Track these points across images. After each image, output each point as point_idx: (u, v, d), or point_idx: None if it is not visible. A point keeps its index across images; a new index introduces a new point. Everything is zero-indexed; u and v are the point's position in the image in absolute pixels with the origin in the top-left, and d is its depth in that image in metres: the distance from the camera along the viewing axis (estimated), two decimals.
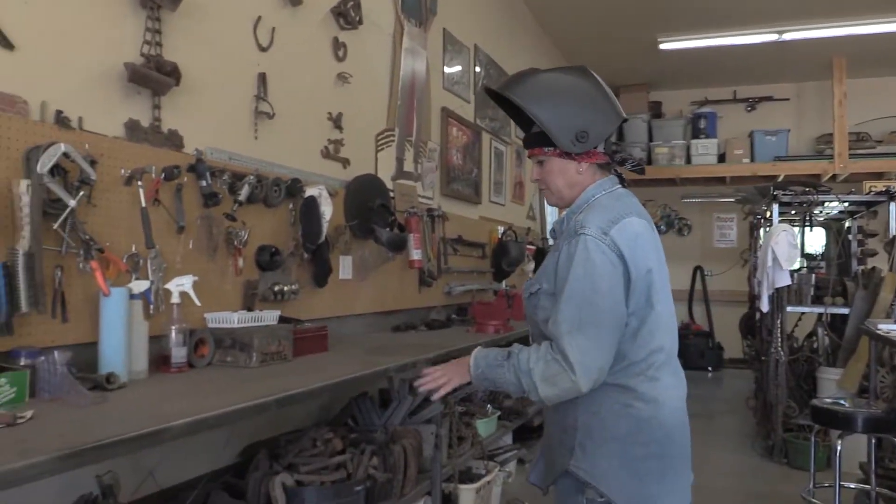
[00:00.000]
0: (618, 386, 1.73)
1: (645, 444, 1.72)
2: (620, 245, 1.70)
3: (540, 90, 1.82)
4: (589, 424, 1.74)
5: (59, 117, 2.12)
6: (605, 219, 1.73)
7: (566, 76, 1.86)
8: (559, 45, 8.20)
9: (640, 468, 1.72)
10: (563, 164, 1.85)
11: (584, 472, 1.72)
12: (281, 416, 3.06)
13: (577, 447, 1.74)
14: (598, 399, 1.73)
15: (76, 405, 1.76)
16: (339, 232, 3.56)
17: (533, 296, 1.84)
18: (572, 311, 1.66)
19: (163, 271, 2.45)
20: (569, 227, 1.80)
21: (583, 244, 1.69)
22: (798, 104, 9.64)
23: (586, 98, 1.81)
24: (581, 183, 1.86)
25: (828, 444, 4.91)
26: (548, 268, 1.82)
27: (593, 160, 1.85)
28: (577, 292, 1.67)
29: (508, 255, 5.70)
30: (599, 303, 1.66)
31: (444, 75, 5.07)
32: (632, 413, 1.72)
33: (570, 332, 1.64)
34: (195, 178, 2.61)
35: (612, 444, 1.72)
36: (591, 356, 1.64)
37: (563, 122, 1.78)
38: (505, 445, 4.62)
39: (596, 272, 1.67)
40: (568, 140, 1.79)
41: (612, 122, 1.83)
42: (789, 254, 5.03)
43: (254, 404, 1.89)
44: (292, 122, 3.27)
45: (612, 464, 1.71)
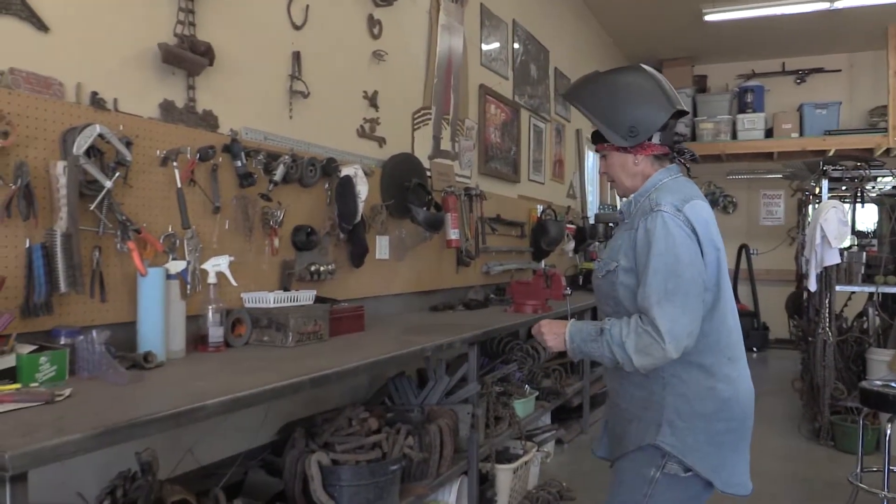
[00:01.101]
0: (701, 367, 1.89)
1: (726, 420, 1.90)
2: (693, 221, 1.85)
3: (594, 93, 2.02)
4: (677, 404, 1.89)
5: (95, 99, 2.14)
6: (678, 198, 1.88)
7: (619, 76, 2.03)
8: (600, 19, 8.03)
9: (722, 441, 1.90)
10: (622, 157, 2.03)
11: (671, 447, 1.87)
12: (318, 395, 3.09)
13: (666, 424, 1.88)
14: (684, 381, 1.89)
15: (114, 383, 1.79)
16: (376, 212, 3.55)
17: (610, 273, 1.96)
18: (659, 283, 1.79)
19: (199, 251, 2.48)
20: (641, 207, 1.95)
21: (661, 220, 1.83)
22: (850, 75, 9.31)
23: (635, 95, 1.96)
24: (640, 173, 2.02)
25: (877, 428, 4.78)
26: (623, 245, 1.94)
27: (648, 152, 2.00)
28: (661, 265, 1.80)
29: (548, 235, 5.65)
30: (683, 272, 1.80)
31: (482, 52, 5.01)
32: (715, 394, 1.89)
33: (659, 303, 1.78)
34: (230, 159, 2.63)
35: (698, 421, 1.88)
36: (680, 323, 1.78)
37: (613, 119, 1.96)
38: (543, 426, 4.60)
39: (676, 244, 1.81)
40: (620, 136, 1.97)
41: (662, 115, 1.95)
42: (839, 231, 4.87)
43: (288, 383, 1.91)
44: (327, 101, 3.26)
45: (699, 439, 1.87)
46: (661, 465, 1.89)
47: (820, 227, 4.87)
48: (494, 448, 3.48)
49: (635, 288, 1.89)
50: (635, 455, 1.95)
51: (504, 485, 3.54)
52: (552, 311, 4.00)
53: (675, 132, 2.06)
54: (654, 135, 1.98)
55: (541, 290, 4.10)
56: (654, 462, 1.90)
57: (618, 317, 1.94)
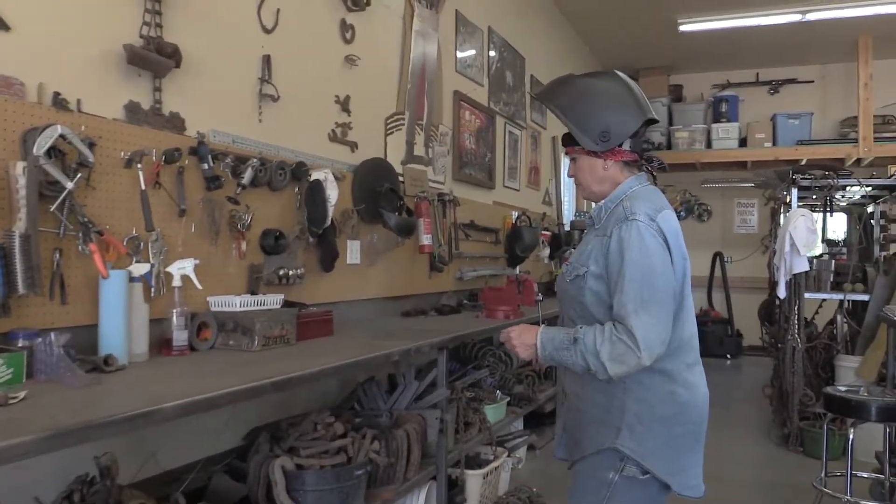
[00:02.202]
0: (662, 373, 1.91)
1: (684, 424, 1.93)
2: (665, 232, 1.88)
3: (567, 95, 2.02)
4: (638, 409, 1.91)
5: (57, 99, 2.12)
6: (651, 207, 1.90)
7: (593, 80, 2.03)
8: (576, 28, 8.09)
9: (679, 444, 1.93)
10: (591, 162, 2.03)
11: (630, 450, 1.89)
12: (287, 400, 3.07)
13: (625, 428, 1.91)
14: (646, 386, 1.91)
15: (71, 386, 1.77)
16: (347, 216, 3.55)
17: (579, 278, 1.96)
18: (635, 292, 1.81)
19: (164, 254, 2.46)
20: (614, 214, 1.95)
21: (636, 229, 1.85)
22: (822, 86, 9.46)
23: (609, 100, 1.97)
24: (609, 179, 2.02)
25: (844, 433, 4.84)
26: (593, 252, 1.95)
27: (618, 158, 2.00)
28: (637, 273, 1.82)
29: (522, 241, 5.67)
30: (657, 282, 1.82)
31: (457, 58, 5.02)
32: (674, 398, 1.92)
33: (636, 311, 1.80)
34: (197, 161, 2.62)
35: (657, 425, 1.91)
36: (654, 332, 1.80)
37: (585, 123, 1.96)
38: (515, 431, 4.61)
39: (651, 253, 1.83)
40: (591, 139, 1.97)
41: (635, 122, 1.97)
42: (807, 239, 4.94)
43: (248, 387, 1.89)
44: (298, 105, 3.25)
45: (658, 442, 1.90)
46: (620, 467, 1.91)
47: (789, 235, 4.94)
48: (464, 453, 3.48)
49: (604, 294, 1.91)
50: (594, 458, 1.97)
51: (474, 490, 3.54)
52: (524, 316, 4.02)
53: (643, 140, 2.08)
54: (625, 141, 1.99)
55: (513, 296, 4.11)
56: (613, 465, 1.92)
57: (583, 321, 1.97)
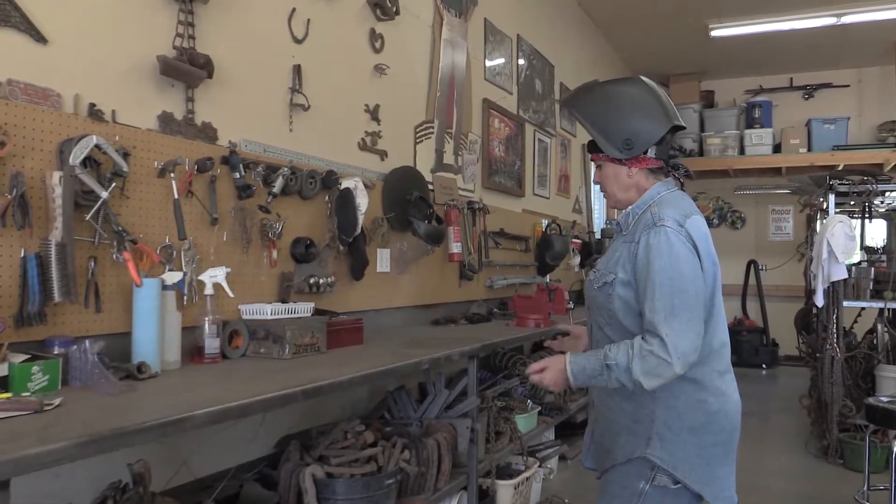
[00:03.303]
0: (692, 381, 1.88)
1: (714, 433, 1.90)
2: (694, 237, 1.85)
3: (591, 102, 2.01)
4: (667, 417, 1.88)
5: (93, 110, 2.16)
6: (679, 213, 1.87)
7: (617, 87, 2.01)
8: (606, 35, 8.06)
9: (710, 454, 1.90)
10: (616, 169, 2.01)
11: (660, 460, 1.87)
12: (317, 408, 3.07)
13: (655, 437, 1.88)
14: (674, 394, 1.88)
15: (105, 393, 1.79)
16: (377, 224, 3.56)
17: (607, 285, 1.94)
18: (665, 299, 1.78)
19: (196, 263, 2.48)
20: (642, 221, 1.92)
21: (664, 235, 1.82)
22: (859, 91, 9.28)
23: (633, 107, 1.95)
24: (634, 186, 2.00)
25: (886, 446, 4.72)
26: (621, 258, 1.93)
27: (643, 165, 1.98)
28: (665, 280, 1.79)
29: (552, 249, 5.63)
30: (688, 288, 1.80)
31: (486, 66, 5.02)
32: (704, 407, 1.89)
33: (667, 320, 1.77)
34: (229, 171, 2.64)
35: (687, 434, 1.88)
36: (687, 339, 1.77)
37: (610, 130, 1.95)
38: (546, 441, 4.57)
39: (680, 260, 1.81)
40: (615, 147, 1.95)
41: (660, 129, 1.94)
42: (846, 246, 4.84)
43: (279, 395, 1.90)
44: (328, 114, 3.27)
45: (688, 452, 1.87)
46: (651, 477, 1.89)
47: (826, 242, 4.84)
48: (495, 463, 3.46)
49: (632, 301, 1.89)
50: (624, 467, 1.94)
51: (504, 501, 3.51)
52: (554, 325, 3.97)
53: (671, 147, 2.05)
54: (650, 148, 1.96)
55: (543, 305, 4.10)
56: (644, 474, 1.90)
57: (611, 328, 1.95)
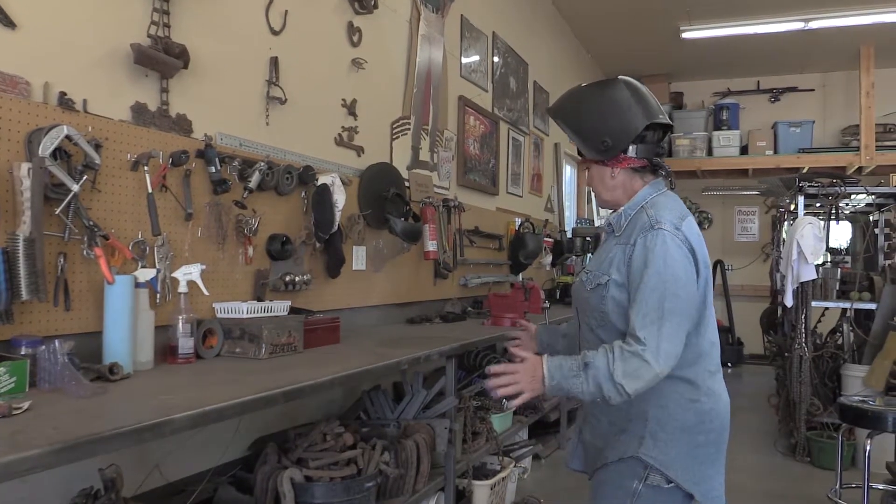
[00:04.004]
0: (685, 380, 1.88)
1: (706, 432, 1.90)
2: (690, 240, 1.85)
3: (571, 107, 2.02)
4: (659, 416, 1.88)
5: (63, 99, 2.06)
6: (675, 215, 1.87)
7: (594, 89, 2.01)
8: (579, 35, 8.06)
9: (701, 454, 1.89)
10: (600, 170, 2.01)
11: (653, 459, 1.86)
12: (291, 409, 3.00)
13: (648, 436, 1.87)
14: (666, 393, 1.87)
15: (76, 396, 1.71)
16: (353, 221, 3.49)
17: (601, 287, 1.92)
18: (656, 301, 1.77)
19: (170, 259, 2.40)
20: (637, 222, 1.90)
21: (661, 238, 1.81)
22: (824, 95, 9.45)
23: (606, 108, 1.95)
24: (618, 186, 1.99)
25: (852, 443, 4.79)
26: (615, 260, 1.91)
27: (625, 165, 1.97)
28: (659, 283, 1.78)
29: (526, 248, 5.62)
30: (680, 293, 1.79)
31: (462, 63, 4.98)
32: (697, 406, 1.88)
33: (656, 322, 1.76)
34: (204, 165, 2.56)
35: (679, 433, 1.87)
36: (673, 343, 1.77)
37: (586, 132, 1.96)
38: (520, 441, 4.54)
39: (676, 264, 1.80)
40: (593, 149, 1.96)
41: (634, 127, 1.92)
42: (815, 247, 4.89)
43: (260, 397, 1.83)
44: (305, 109, 3.20)
45: (681, 451, 1.87)
46: (644, 476, 1.88)
47: (796, 243, 4.89)
48: (471, 464, 3.42)
49: (625, 303, 1.87)
50: (616, 466, 1.92)
51: (481, 501, 3.47)
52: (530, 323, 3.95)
53: (657, 146, 2.01)
54: (630, 147, 1.94)
55: (519, 303, 4.06)
56: (637, 474, 1.89)
57: (603, 330, 1.94)
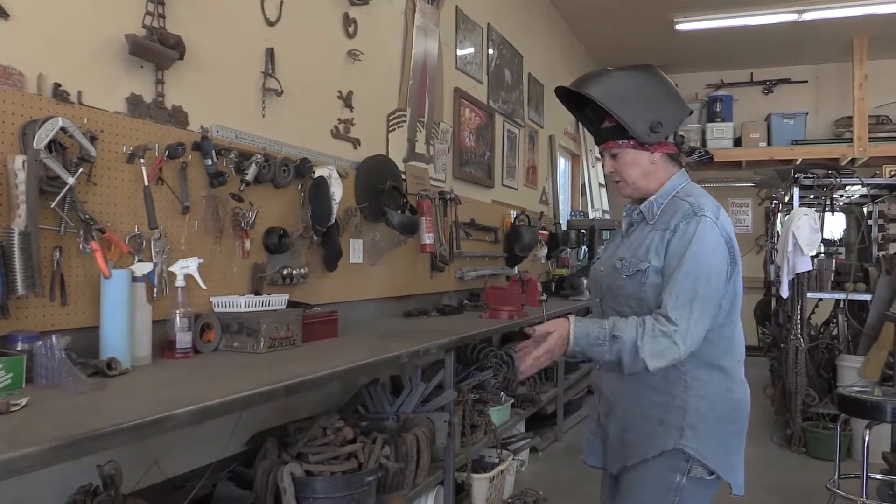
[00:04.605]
0: (721, 369, 1.90)
1: (737, 421, 1.93)
2: (728, 230, 1.88)
3: (615, 86, 1.96)
4: (699, 407, 1.87)
5: (57, 91, 2.03)
6: (714, 205, 1.90)
7: (637, 73, 1.99)
8: (573, 27, 8.03)
9: (732, 443, 1.92)
10: (637, 155, 1.97)
11: (694, 451, 1.85)
12: (290, 403, 2.98)
13: (688, 427, 1.86)
14: (706, 383, 1.88)
15: (74, 392, 1.68)
16: (350, 214, 3.46)
17: (640, 273, 1.90)
18: (690, 285, 1.79)
19: (167, 253, 2.37)
20: (677, 209, 1.90)
21: (704, 224, 1.83)
22: (817, 86, 9.44)
23: (658, 92, 1.96)
24: (654, 172, 1.97)
25: (848, 434, 4.80)
26: (652, 246, 1.89)
27: (664, 150, 1.97)
28: (696, 268, 1.80)
29: (521, 240, 5.60)
30: (712, 280, 1.81)
31: (457, 55, 4.94)
32: (730, 396, 1.91)
33: (687, 304, 1.78)
34: (200, 157, 2.53)
35: (717, 423, 1.88)
36: (699, 327, 1.79)
37: (638, 114, 1.92)
38: (518, 434, 4.53)
39: (714, 251, 1.83)
40: (643, 131, 1.91)
41: (682, 114, 1.97)
42: (810, 238, 4.89)
43: (262, 391, 1.81)
44: (301, 100, 3.16)
45: (717, 441, 1.88)
46: (686, 469, 1.86)
47: (792, 235, 4.89)
48: (470, 457, 3.40)
49: (660, 288, 1.86)
50: (657, 461, 1.88)
51: (480, 494, 3.46)
52: (528, 316, 3.94)
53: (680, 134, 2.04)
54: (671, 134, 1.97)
55: (516, 296, 4.04)
56: (679, 467, 1.87)
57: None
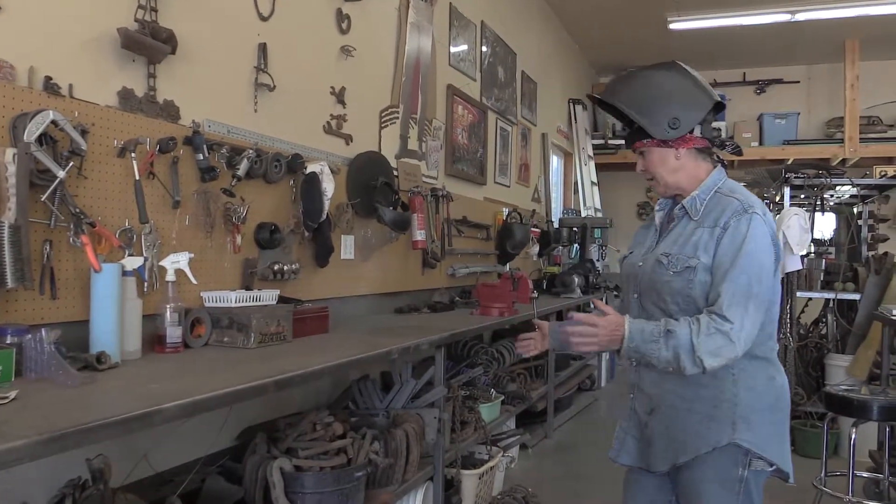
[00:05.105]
0: (764, 359, 1.93)
1: (782, 409, 1.95)
2: (773, 227, 1.91)
3: (633, 89, 2.01)
4: (748, 398, 1.89)
5: (48, 83, 2.02)
6: (758, 201, 1.91)
7: (656, 72, 2.02)
8: (567, 25, 8.03)
9: (781, 431, 1.95)
10: (662, 153, 2.00)
11: (750, 443, 1.86)
12: (280, 398, 2.98)
13: (740, 420, 1.87)
14: (752, 374, 1.90)
15: (63, 385, 1.68)
16: (342, 210, 3.46)
17: (689, 270, 1.91)
18: (745, 283, 1.81)
19: (157, 247, 2.37)
20: (724, 206, 1.91)
21: (756, 222, 1.86)
22: (809, 87, 9.48)
23: (674, 89, 1.97)
24: (682, 168, 1.99)
25: (835, 432, 4.84)
26: (700, 242, 1.91)
27: (690, 145, 1.99)
28: (750, 266, 1.82)
29: (513, 238, 5.61)
30: (764, 279, 1.84)
31: (451, 52, 4.95)
32: (774, 384, 1.94)
33: (741, 303, 1.80)
34: (192, 152, 2.53)
35: (767, 413, 1.90)
36: (754, 326, 1.82)
37: (655, 112, 1.95)
38: (508, 430, 4.55)
39: (766, 250, 1.86)
40: (661, 128, 1.95)
41: (703, 107, 1.97)
42: (801, 238, 4.91)
43: (252, 386, 1.81)
44: (294, 96, 3.16)
45: (769, 431, 1.89)
46: (746, 462, 1.88)
47: (782, 234, 4.91)
48: (460, 453, 3.42)
49: (709, 285, 1.88)
50: (713, 457, 1.89)
51: (469, 491, 3.47)
52: (519, 314, 3.95)
53: (713, 127, 2.05)
54: (695, 128, 1.98)
55: (508, 293, 4.04)
56: (739, 460, 1.88)
57: (685, 315, 1.89)
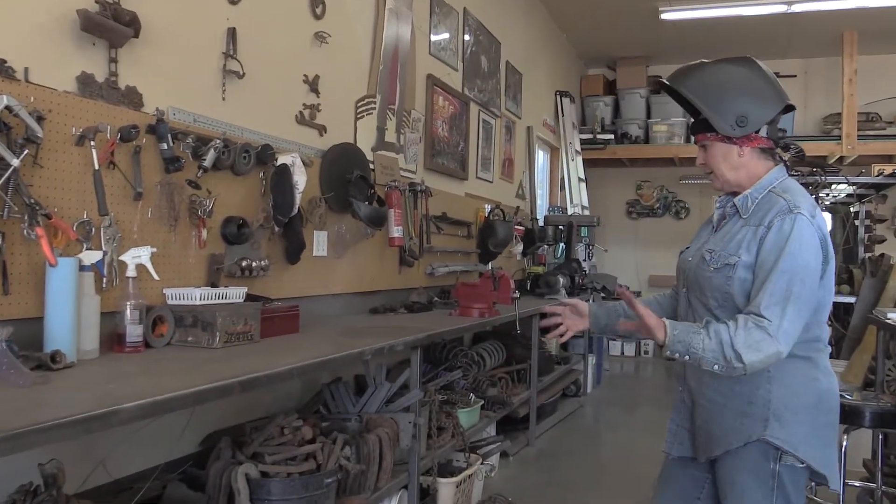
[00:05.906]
0: (806, 359, 1.97)
1: (826, 413, 1.99)
2: (823, 229, 1.95)
3: (703, 80, 2.06)
4: (783, 396, 1.95)
5: (2, 67, 2.02)
6: (809, 202, 1.96)
7: (728, 66, 2.07)
8: (553, 13, 8.08)
9: (824, 435, 1.99)
10: (725, 149, 2.05)
11: (781, 441, 1.93)
12: (247, 401, 2.99)
13: (773, 418, 1.94)
14: (789, 372, 1.95)
15: (15, 385, 1.68)
16: (314, 205, 3.47)
17: (728, 267, 1.98)
18: (785, 284, 1.86)
19: (118, 241, 2.36)
20: (772, 205, 1.97)
21: (800, 223, 1.90)
22: (805, 81, 9.60)
23: (746, 85, 2.01)
24: (744, 166, 2.05)
25: None
26: (744, 241, 1.97)
27: (754, 144, 2.04)
28: (790, 267, 1.87)
29: (496, 236, 5.63)
30: (807, 280, 1.88)
31: (431, 40, 4.96)
32: (816, 385, 1.98)
33: (781, 303, 1.85)
34: (155, 141, 2.53)
35: (803, 413, 1.95)
36: (795, 327, 1.86)
37: (723, 108, 2.00)
38: (488, 437, 4.57)
39: (809, 250, 1.90)
40: (728, 125, 2.00)
41: (773, 107, 2.01)
42: None
43: (215, 387, 1.82)
44: (264, 84, 3.17)
45: (807, 432, 1.95)
46: (777, 456, 1.95)
47: None
48: (437, 460, 3.44)
49: (749, 284, 1.95)
50: (743, 451, 1.98)
51: (446, 500, 3.49)
52: (500, 315, 3.98)
53: (779, 128, 2.10)
54: (762, 128, 2.02)
55: (488, 293, 4.07)
56: (769, 455, 1.95)
57: (723, 311, 1.99)
